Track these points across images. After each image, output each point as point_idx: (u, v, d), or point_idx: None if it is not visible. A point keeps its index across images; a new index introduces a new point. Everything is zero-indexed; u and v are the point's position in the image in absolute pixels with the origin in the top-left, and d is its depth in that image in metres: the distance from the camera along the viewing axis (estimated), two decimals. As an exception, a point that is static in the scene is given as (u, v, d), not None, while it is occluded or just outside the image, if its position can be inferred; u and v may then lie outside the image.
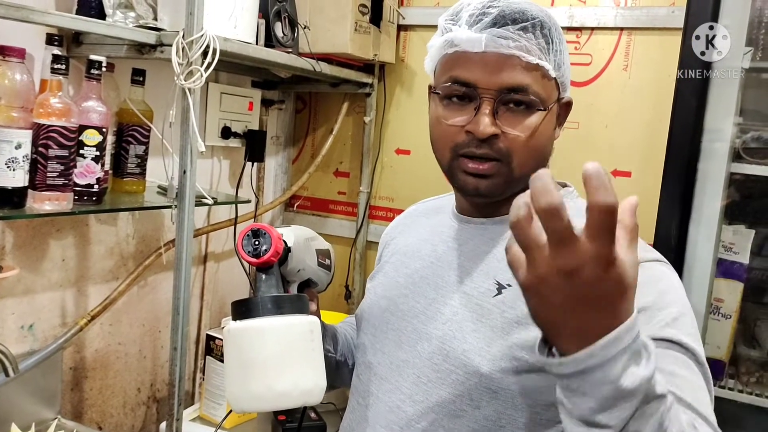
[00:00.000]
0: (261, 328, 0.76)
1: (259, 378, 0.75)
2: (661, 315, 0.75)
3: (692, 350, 0.74)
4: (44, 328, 1.50)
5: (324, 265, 0.96)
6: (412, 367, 0.88)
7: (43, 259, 1.49)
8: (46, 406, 1.49)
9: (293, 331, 0.77)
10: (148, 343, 1.80)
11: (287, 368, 0.75)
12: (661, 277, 0.79)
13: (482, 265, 0.87)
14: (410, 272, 0.95)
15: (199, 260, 1.96)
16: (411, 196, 2.16)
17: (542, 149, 0.86)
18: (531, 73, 0.82)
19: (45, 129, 1.23)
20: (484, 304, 0.84)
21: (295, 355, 0.76)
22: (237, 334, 0.77)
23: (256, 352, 0.75)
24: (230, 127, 1.92)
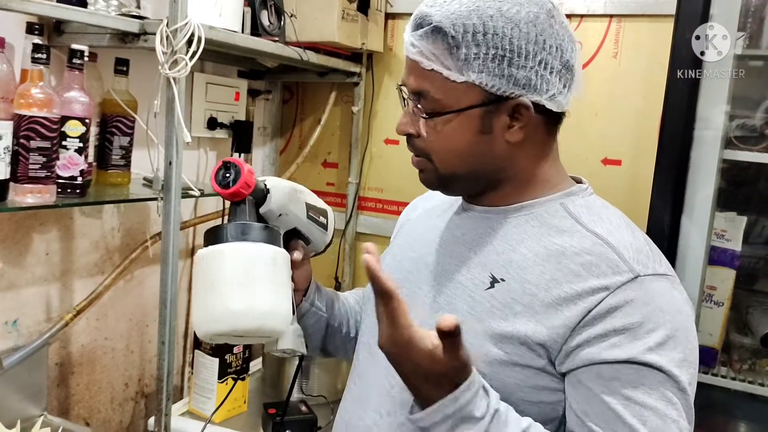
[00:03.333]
0: (221, 251, 0.78)
1: (216, 298, 0.76)
2: (647, 338, 0.75)
3: (674, 377, 0.75)
4: (28, 323, 1.48)
5: (316, 221, 0.97)
6: None
7: (26, 253, 1.46)
8: (32, 402, 1.47)
9: (253, 255, 0.78)
10: (136, 338, 1.78)
11: (244, 289, 0.76)
12: (655, 296, 0.78)
13: (480, 256, 0.87)
14: (415, 257, 0.96)
15: (187, 253, 1.93)
16: (401, 187, 2.16)
17: (464, 154, 0.84)
18: (429, 79, 0.83)
19: (26, 120, 1.20)
20: (475, 296, 0.84)
21: (253, 278, 0.77)
22: (200, 258, 0.79)
23: (215, 274, 0.77)
24: (216, 118, 1.89)
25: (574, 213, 0.85)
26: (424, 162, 0.87)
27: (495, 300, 0.82)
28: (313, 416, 1.61)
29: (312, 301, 1.01)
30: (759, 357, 1.55)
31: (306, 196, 0.97)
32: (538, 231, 0.84)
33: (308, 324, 1.02)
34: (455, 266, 0.88)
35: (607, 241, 0.80)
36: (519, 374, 0.80)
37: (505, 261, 0.84)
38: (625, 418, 0.75)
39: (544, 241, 0.83)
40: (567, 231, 0.83)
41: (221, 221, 0.85)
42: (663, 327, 0.76)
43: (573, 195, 0.88)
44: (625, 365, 0.75)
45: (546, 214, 0.85)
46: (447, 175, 0.86)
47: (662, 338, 0.75)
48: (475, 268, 0.86)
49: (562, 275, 0.79)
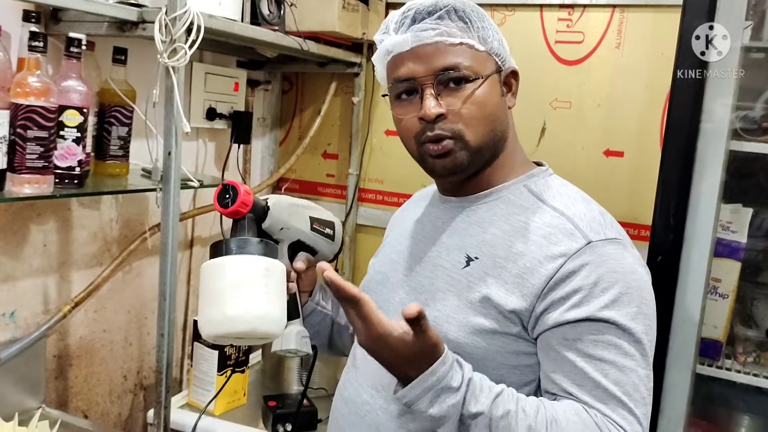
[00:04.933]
0: (220, 263, 0.87)
1: (215, 304, 0.85)
2: (602, 296, 0.84)
3: (629, 330, 0.84)
4: (26, 315, 1.46)
5: (322, 233, 1.06)
6: None
7: (23, 244, 1.44)
8: (30, 395, 1.45)
9: (247, 266, 0.87)
10: (134, 330, 1.76)
11: (238, 295, 0.85)
12: (607, 258, 0.86)
13: (457, 240, 0.96)
14: (402, 249, 1.05)
15: (186, 245, 1.92)
16: (401, 178, 2.14)
17: (491, 118, 0.93)
18: (458, 52, 0.91)
19: (23, 109, 1.18)
20: (453, 275, 0.93)
21: (247, 286, 0.86)
22: (203, 269, 0.88)
23: (215, 283, 0.86)
24: (215, 109, 1.87)
25: (536, 192, 0.95)
26: (453, 143, 0.92)
27: (471, 276, 0.91)
28: (314, 408, 1.61)
29: (317, 300, 1.11)
30: (764, 349, 1.54)
31: (311, 210, 1.06)
32: (505, 211, 0.94)
33: (314, 322, 1.11)
34: (436, 252, 0.98)
35: (564, 213, 0.91)
36: (498, 341, 0.89)
37: (478, 242, 0.93)
38: (588, 372, 0.84)
39: (510, 220, 0.93)
40: (530, 208, 0.93)
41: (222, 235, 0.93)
42: (616, 285, 0.85)
43: (534, 176, 0.98)
44: (584, 323, 0.84)
45: (512, 196, 0.96)
46: (477, 149, 0.92)
47: (615, 295, 0.84)
48: (453, 251, 0.96)
49: (526, 247, 0.89)
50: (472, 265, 0.92)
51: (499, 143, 0.96)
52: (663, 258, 1.24)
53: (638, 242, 1.77)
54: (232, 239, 0.90)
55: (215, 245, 0.90)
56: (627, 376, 0.84)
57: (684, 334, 1.27)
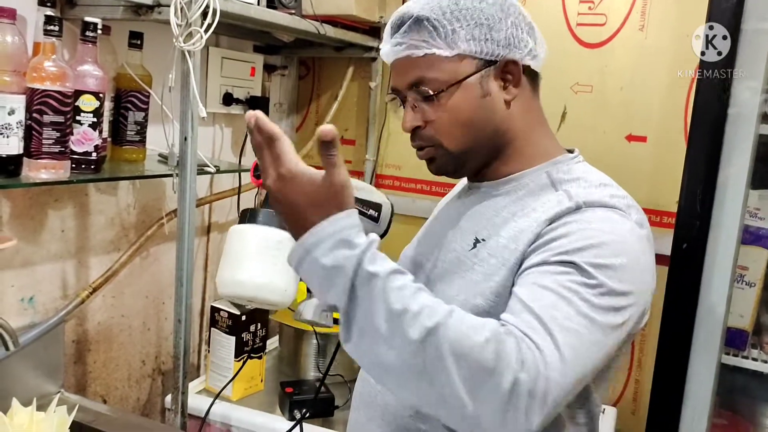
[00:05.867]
0: (236, 230, 0.96)
1: (228, 267, 0.94)
2: (569, 245, 0.80)
3: (577, 264, 0.78)
4: (44, 300, 1.47)
5: (364, 214, 1.08)
6: None
7: (41, 229, 1.44)
8: (49, 379, 1.46)
9: (261, 236, 0.93)
10: (152, 315, 1.77)
11: (247, 262, 0.93)
12: (592, 219, 0.83)
13: (471, 224, 0.96)
14: (429, 233, 1.07)
15: (203, 231, 1.91)
16: (418, 164, 2.08)
17: (468, 123, 0.92)
18: (422, 64, 0.90)
19: (39, 94, 1.18)
20: (461, 257, 0.93)
21: (257, 255, 0.93)
22: (229, 232, 0.97)
23: (231, 247, 0.95)
24: (232, 94, 1.86)
25: (555, 178, 0.93)
26: (432, 150, 0.94)
27: (476, 258, 0.91)
28: (331, 395, 1.60)
29: None
30: (791, 340, 1.52)
31: (357, 192, 1.07)
32: (521, 196, 0.93)
33: None
34: (452, 236, 0.98)
35: (569, 193, 0.88)
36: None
37: (488, 224, 0.93)
38: (522, 297, 0.77)
39: (522, 204, 0.91)
40: (544, 194, 0.91)
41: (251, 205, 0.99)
42: (588, 239, 0.80)
43: (559, 163, 0.95)
44: (542, 265, 0.81)
45: (531, 183, 0.93)
46: (459, 153, 0.93)
47: (584, 245, 0.79)
48: (466, 234, 0.96)
49: (527, 225, 0.87)
50: (478, 246, 0.92)
51: (493, 140, 0.94)
52: (688, 245, 1.21)
53: (660, 229, 1.75)
54: (257, 209, 0.96)
55: (244, 212, 0.97)
56: (550, 298, 0.75)
57: (709, 323, 1.24)
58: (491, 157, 0.95)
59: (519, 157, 0.95)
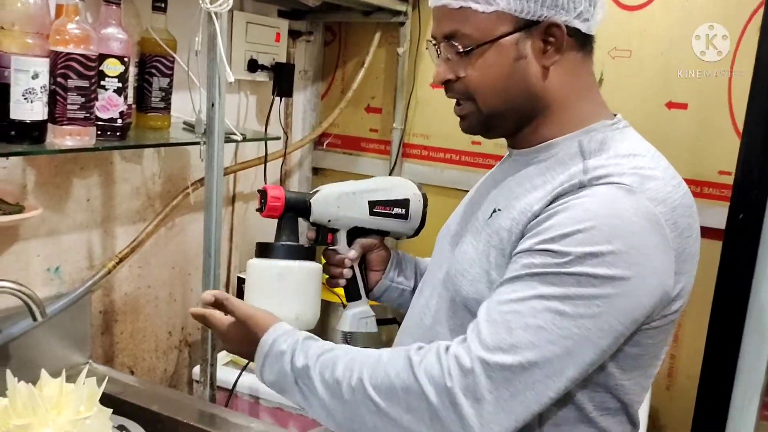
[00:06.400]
0: (249, 265, 1.04)
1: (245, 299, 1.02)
2: (554, 231, 0.76)
3: (566, 254, 0.74)
4: (71, 270, 1.45)
5: (388, 215, 1.09)
6: (437, 286, 0.95)
7: (67, 198, 1.41)
8: (77, 350, 1.45)
9: (262, 269, 1.02)
10: (178, 286, 1.75)
11: (255, 298, 1.01)
12: (590, 198, 0.77)
13: (497, 192, 0.92)
14: (466, 202, 1.04)
15: (228, 201, 1.88)
16: (447, 133, 2.06)
17: (500, 86, 0.86)
18: (458, 17, 0.85)
19: (63, 57, 1.14)
20: (479, 227, 0.90)
21: (261, 288, 1.02)
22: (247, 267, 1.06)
23: (246, 282, 1.05)
24: (257, 60, 1.81)
25: (585, 148, 0.85)
26: (467, 106, 0.89)
27: (490, 228, 0.87)
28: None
29: (391, 277, 1.13)
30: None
31: (374, 194, 1.09)
32: (549, 166, 0.86)
33: (392, 297, 1.14)
34: (481, 206, 0.94)
35: (587, 166, 0.81)
36: None
37: (509, 195, 0.88)
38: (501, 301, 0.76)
39: (546, 176, 0.85)
40: (569, 165, 0.84)
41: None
42: (578, 224, 0.74)
43: (594, 131, 0.87)
44: (525, 252, 0.77)
45: (561, 152, 0.87)
46: (489, 114, 0.88)
47: (571, 231, 0.74)
48: (488, 203, 0.92)
49: (534, 200, 0.82)
50: (494, 216, 0.88)
51: (526, 106, 0.87)
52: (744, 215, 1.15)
53: (702, 200, 1.69)
54: (264, 244, 1.03)
55: (256, 245, 1.04)
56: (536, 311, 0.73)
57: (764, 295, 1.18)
58: (524, 123, 0.89)
59: (554, 124, 0.88)
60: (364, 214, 1.08)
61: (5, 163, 1.28)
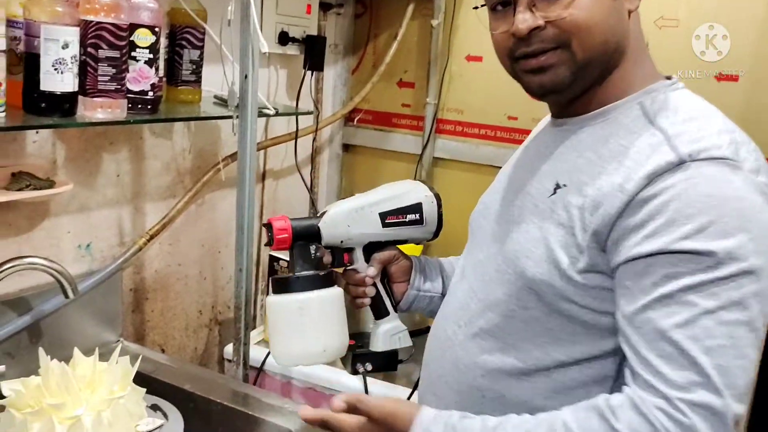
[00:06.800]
0: (267, 303, 1.00)
1: (270, 341, 1.01)
2: (684, 226, 0.70)
3: (711, 254, 0.69)
4: (102, 247, 1.42)
5: (402, 223, 1.04)
6: (483, 266, 0.91)
7: (97, 174, 1.39)
8: (108, 328, 1.43)
9: (280, 307, 0.98)
10: (208, 264, 1.72)
11: (278, 337, 0.98)
12: (701, 181, 0.71)
13: (551, 165, 0.86)
14: (505, 177, 0.98)
15: (258, 177, 1.85)
16: (482, 108, 2.00)
17: (602, 26, 0.79)
18: None
19: (93, 26, 1.10)
20: (539, 203, 0.84)
21: (284, 327, 0.97)
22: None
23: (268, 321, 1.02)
24: (288, 32, 1.75)
25: (649, 110, 0.80)
26: (556, 54, 0.80)
27: (555, 206, 0.81)
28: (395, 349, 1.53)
29: (417, 286, 1.08)
30: None
31: (383, 204, 1.03)
32: (608, 133, 0.81)
33: (422, 306, 1.09)
34: (530, 179, 0.88)
35: (666, 132, 0.76)
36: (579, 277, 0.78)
37: (571, 167, 0.82)
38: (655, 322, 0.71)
39: (610, 143, 0.79)
40: (636, 131, 0.78)
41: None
42: (705, 214, 0.69)
43: (654, 92, 0.82)
44: (659, 257, 0.71)
45: (621, 117, 0.81)
46: (584, 62, 0.79)
47: (702, 224, 0.69)
48: (545, 177, 0.86)
49: (616, 173, 0.76)
50: (558, 192, 0.82)
51: (613, 57, 0.81)
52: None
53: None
54: (277, 278, 1.00)
55: (270, 280, 1.04)
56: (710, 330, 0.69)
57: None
58: (594, 82, 0.82)
59: (617, 85, 0.82)
60: (376, 227, 1.03)
61: (36, 137, 1.25)
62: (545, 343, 0.83)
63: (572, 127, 0.86)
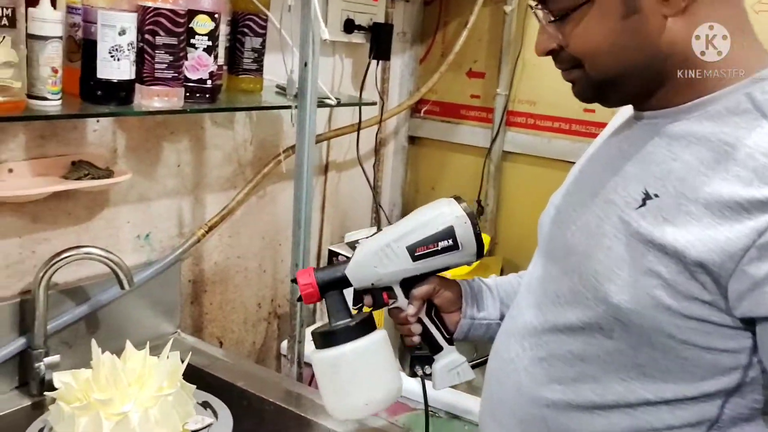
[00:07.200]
0: (311, 359, 0.95)
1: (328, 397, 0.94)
2: None
3: None
4: (161, 238, 1.41)
5: (434, 252, 0.92)
6: (554, 283, 0.80)
7: (157, 164, 1.37)
8: (166, 319, 1.41)
9: (321, 363, 0.92)
10: (268, 257, 1.69)
11: (326, 393, 0.93)
12: None
13: (638, 168, 0.74)
14: (580, 178, 0.86)
15: (320, 170, 1.80)
16: (556, 100, 1.89)
17: (610, 48, 0.71)
18: None
19: (151, 12, 1.07)
20: (624, 216, 0.72)
21: (327, 383, 0.92)
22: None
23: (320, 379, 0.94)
24: (353, 20, 1.70)
25: (761, 103, 0.67)
26: (576, 72, 0.75)
27: (645, 221, 0.69)
28: (456, 353, 1.46)
29: (471, 315, 0.97)
30: None
31: (411, 235, 0.92)
32: (710, 131, 0.69)
33: (479, 335, 0.99)
34: (613, 183, 0.76)
35: None
36: (677, 309, 0.67)
37: (663, 172, 0.71)
38: None
39: (713, 144, 0.68)
40: (745, 128, 0.67)
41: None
42: None
43: (764, 80, 0.69)
44: None
45: (724, 110, 0.69)
46: (600, 81, 0.73)
47: None
48: (631, 183, 0.73)
49: (727, 185, 0.65)
50: (649, 204, 0.70)
51: (652, 67, 0.71)
52: None
53: None
54: (314, 333, 0.94)
55: (314, 335, 0.94)
56: None
57: None
58: (653, 85, 0.72)
59: (702, 79, 0.70)
60: (407, 263, 0.92)
61: (96, 126, 1.24)
62: (630, 379, 0.73)
63: (663, 120, 0.73)
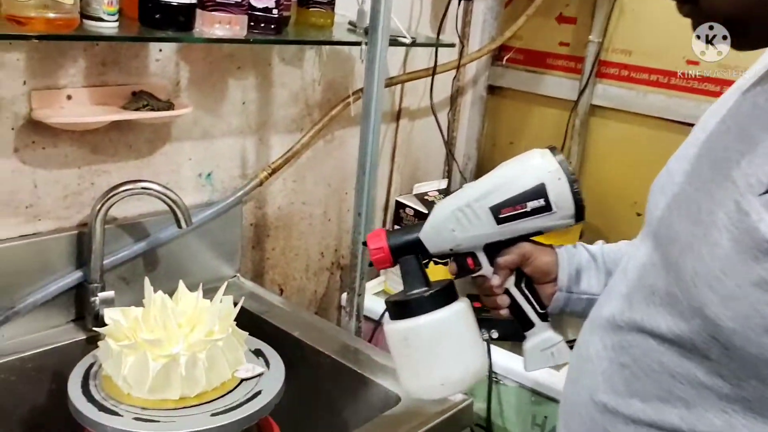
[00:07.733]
0: (385, 331, 0.85)
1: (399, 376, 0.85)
2: None
3: None
4: (223, 178, 1.36)
5: (523, 214, 0.79)
6: (653, 273, 0.64)
7: (221, 100, 1.31)
8: (226, 262, 1.38)
9: (393, 338, 0.83)
10: (334, 205, 1.62)
11: (400, 371, 0.84)
12: None
13: (759, 146, 0.56)
14: (684, 153, 0.68)
15: (392, 116, 1.71)
16: (657, 49, 1.71)
17: None
18: None
19: (214, -69, 0.99)
20: (743, 202, 0.54)
21: (400, 360, 0.83)
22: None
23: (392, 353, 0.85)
24: (436, -46, 1.58)
25: None
26: (688, 7, 0.59)
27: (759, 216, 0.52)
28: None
29: (568, 287, 0.84)
30: None
31: (492, 196, 0.79)
32: None
33: (577, 310, 0.84)
34: (734, 156, 0.58)
35: None
36: None
37: None
38: None
39: None
40: None
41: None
42: None
43: None
44: None
45: None
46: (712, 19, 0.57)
47: None
48: (758, 159, 0.55)
49: None
50: None
51: None
52: None
53: None
54: (387, 302, 0.86)
55: (388, 305, 0.86)
56: None
57: None
58: None
59: None
60: (491, 226, 0.80)
61: (159, 55, 1.19)
62: (733, 412, 0.58)
63: None
